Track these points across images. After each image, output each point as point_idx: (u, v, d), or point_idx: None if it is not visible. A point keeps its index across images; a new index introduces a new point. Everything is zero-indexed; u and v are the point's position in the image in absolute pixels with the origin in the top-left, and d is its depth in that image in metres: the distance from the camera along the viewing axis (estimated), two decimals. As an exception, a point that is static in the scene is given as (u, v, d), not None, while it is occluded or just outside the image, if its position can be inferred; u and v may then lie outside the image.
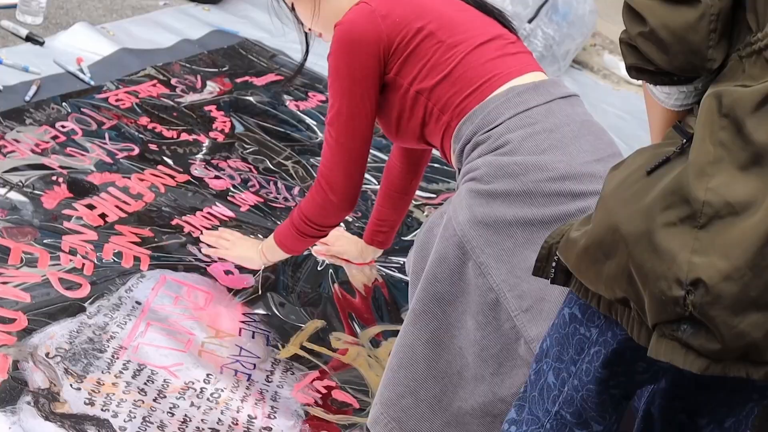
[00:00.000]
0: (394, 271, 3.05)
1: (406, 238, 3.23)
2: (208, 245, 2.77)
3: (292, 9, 2.46)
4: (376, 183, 3.43)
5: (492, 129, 2.17)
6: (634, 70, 1.49)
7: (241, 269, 2.76)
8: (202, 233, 2.85)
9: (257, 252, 2.66)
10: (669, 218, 1.41)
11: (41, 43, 3.60)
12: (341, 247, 3.02)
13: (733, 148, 1.38)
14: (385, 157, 3.24)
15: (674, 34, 1.41)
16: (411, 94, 2.30)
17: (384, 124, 2.44)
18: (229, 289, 2.70)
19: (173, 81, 3.72)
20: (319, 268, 2.94)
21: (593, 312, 1.65)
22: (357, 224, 3.20)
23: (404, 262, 2.80)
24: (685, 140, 1.46)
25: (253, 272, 2.75)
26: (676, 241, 1.40)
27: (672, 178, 1.43)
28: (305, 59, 2.61)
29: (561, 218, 2.02)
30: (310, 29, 2.48)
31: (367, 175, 3.47)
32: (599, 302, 1.59)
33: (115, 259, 2.63)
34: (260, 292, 2.70)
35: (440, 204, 3.42)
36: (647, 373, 1.68)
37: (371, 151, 2.41)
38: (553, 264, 1.66)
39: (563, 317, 1.73)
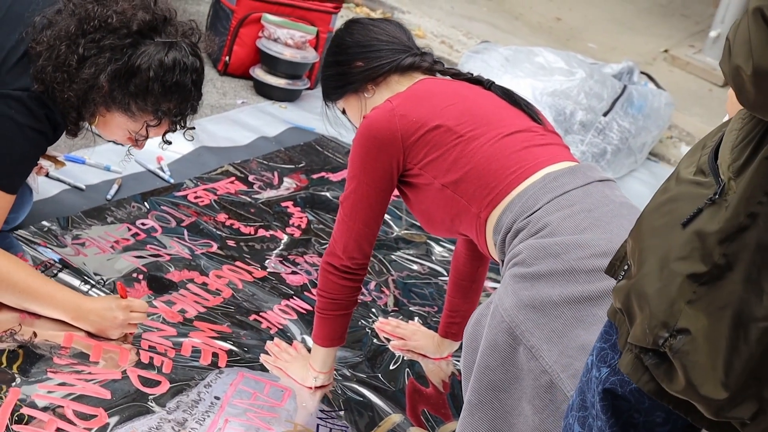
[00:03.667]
0: (471, 366, 3.02)
1: (483, 333, 3.20)
2: (271, 354, 2.78)
3: (344, 112, 2.65)
4: (446, 274, 3.43)
5: (531, 214, 2.20)
6: None
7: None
8: (277, 332, 2.86)
9: (309, 370, 2.68)
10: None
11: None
12: (417, 341, 3.02)
13: None
14: (452, 248, 3.24)
15: None
16: (437, 187, 2.36)
17: (417, 216, 2.53)
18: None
19: (251, 178, 3.77)
20: (394, 365, 2.93)
21: (606, 353, 1.67)
22: (434, 319, 3.19)
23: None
24: (716, 194, 1.45)
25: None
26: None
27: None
28: None
29: (607, 293, 2.00)
30: None
31: (437, 268, 3.49)
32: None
33: (194, 356, 2.65)
34: (313, 389, 2.69)
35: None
36: (667, 425, 1.68)
37: (439, 244, 2.41)
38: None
39: (586, 367, 1.75)
